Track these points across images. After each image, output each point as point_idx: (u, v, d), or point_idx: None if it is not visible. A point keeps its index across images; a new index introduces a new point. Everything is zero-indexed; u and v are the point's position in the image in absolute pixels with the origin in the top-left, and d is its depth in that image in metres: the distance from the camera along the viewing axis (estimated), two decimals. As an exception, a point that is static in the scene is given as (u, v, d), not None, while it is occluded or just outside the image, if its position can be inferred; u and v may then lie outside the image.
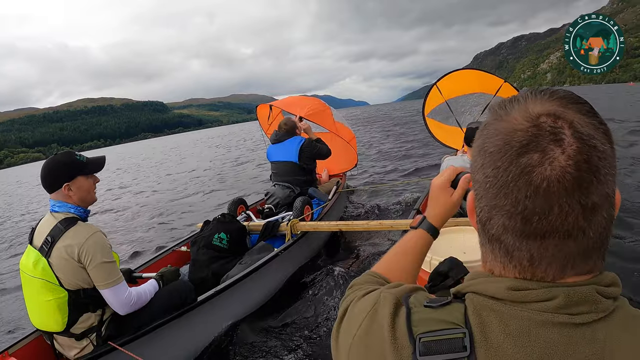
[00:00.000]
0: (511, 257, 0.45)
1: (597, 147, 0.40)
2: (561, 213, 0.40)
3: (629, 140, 8.90)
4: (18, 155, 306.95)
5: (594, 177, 0.40)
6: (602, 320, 0.42)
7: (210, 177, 12.58)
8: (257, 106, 5.94)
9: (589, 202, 0.40)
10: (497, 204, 0.43)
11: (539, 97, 0.44)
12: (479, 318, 0.44)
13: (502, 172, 0.42)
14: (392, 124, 24.36)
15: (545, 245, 0.42)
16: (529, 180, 0.40)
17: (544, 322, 0.42)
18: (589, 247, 0.42)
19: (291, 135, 4.21)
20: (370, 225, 3.41)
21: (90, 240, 1.92)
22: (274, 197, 4.09)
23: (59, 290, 1.92)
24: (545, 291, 0.43)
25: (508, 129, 0.43)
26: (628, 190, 4.99)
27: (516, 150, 0.41)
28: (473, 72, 4.57)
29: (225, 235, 3.27)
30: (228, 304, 2.81)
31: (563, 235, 0.41)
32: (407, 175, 7.99)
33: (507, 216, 0.42)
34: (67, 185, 1.97)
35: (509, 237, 0.43)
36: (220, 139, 46.07)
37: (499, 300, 0.45)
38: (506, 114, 0.44)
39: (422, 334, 0.45)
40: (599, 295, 0.42)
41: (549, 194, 0.40)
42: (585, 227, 0.41)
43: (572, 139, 0.40)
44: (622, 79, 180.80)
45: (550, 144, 0.40)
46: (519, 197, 0.41)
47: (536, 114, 0.42)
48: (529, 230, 0.42)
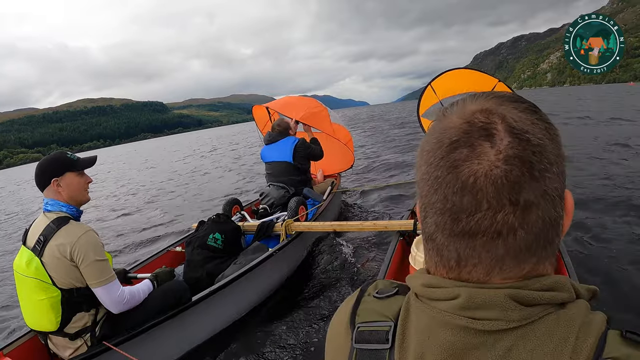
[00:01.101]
0: (441, 256, 0.43)
1: (530, 141, 0.38)
2: (489, 210, 0.38)
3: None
4: (17, 156, 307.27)
5: (527, 173, 0.37)
6: (515, 331, 0.38)
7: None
8: (253, 107, 5.94)
9: (521, 199, 0.37)
10: (429, 201, 0.42)
11: (478, 97, 0.43)
12: (405, 312, 0.46)
13: (433, 169, 0.41)
14: (389, 124, 24.36)
15: (473, 245, 0.40)
16: (456, 175, 0.39)
17: (445, 322, 0.41)
18: (521, 248, 0.39)
19: (285, 136, 4.21)
20: (365, 225, 3.42)
21: (82, 238, 1.94)
22: (269, 198, 4.09)
23: (52, 290, 1.93)
24: (449, 290, 0.41)
25: (443, 127, 0.42)
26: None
27: (446, 146, 0.40)
28: (467, 72, 4.56)
29: (220, 235, 3.27)
30: (222, 304, 2.81)
31: (492, 234, 0.38)
32: (401, 175, 8.00)
33: (438, 213, 0.41)
34: (56, 181, 1.99)
35: (439, 235, 0.42)
36: (217, 140, 45.59)
37: (417, 297, 0.46)
38: (445, 115, 0.44)
39: (360, 323, 0.48)
40: (515, 301, 0.38)
41: (476, 189, 0.38)
42: (517, 226, 0.38)
43: (504, 133, 0.38)
44: (622, 78, 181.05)
45: (480, 138, 0.39)
46: (447, 193, 0.40)
47: (470, 111, 0.41)
48: (458, 229, 0.40)
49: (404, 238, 3.05)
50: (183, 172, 15.36)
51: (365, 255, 3.91)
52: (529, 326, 0.38)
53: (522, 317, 0.38)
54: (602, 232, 3.82)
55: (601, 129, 11.28)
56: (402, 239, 3.04)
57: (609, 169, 6.22)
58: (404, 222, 3.14)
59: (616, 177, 5.67)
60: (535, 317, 0.38)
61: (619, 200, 4.68)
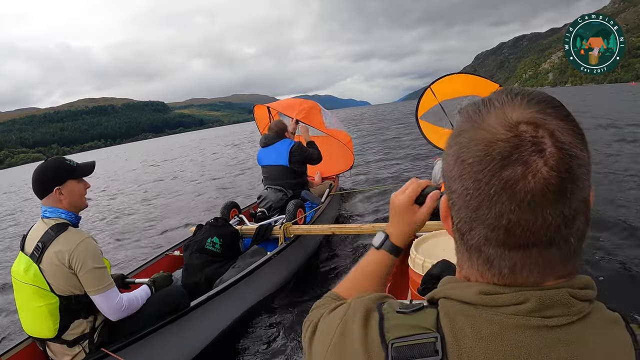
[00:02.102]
0: (491, 265, 0.44)
1: (577, 155, 0.40)
2: (544, 223, 0.40)
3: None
4: (18, 156, 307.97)
5: (575, 185, 0.39)
6: (577, 323, 0.42)
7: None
8: (254, 106, 5.95)
9: (571, 211, 0.40)
10: (478, 216, 0.42)
11: (516, 102, 0.42)
12: (451, 323, 0.44)
13: (483, 186, 0.41)
14: (389, 125, 24.32)
15: (528, 254, 0.42)
16: (512, 193, 0.39)
17: (517, 325, 0.42)
18: (570, 253, 0.42)
19: (280, 138, 4.18)
20: (363, 228, 3.41)
21: (80, 246, 1.93)
22: (267, 201, 4.07)
23: (50, 296, 1.92)
24: (516, 295, 0.42)
25: (487, 139, 0.41)
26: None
27: (498, 162, 0.40)
28: (468, 76, 4.57)
29: (218, 239, 3.28)
30: (221, 308, 2.81)
31: (546, 244, 0.41)
32: (399, 177, 7.97)
33: (489, 229, 0.42)
34: (58, 189, 1.98)
35: (490, 248, 0.43)
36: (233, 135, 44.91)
37: (470, 305, 0.45)
38: (482, 120, 0.42)
39: (394, 340, 0.45)
40: (573, 298, 0.42)
41: (533, 206, 0.39)
42: (567, 235, 0.41)
43: (553, 148, 0.39)
44: (624, 78, 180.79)
45: (532, 155, 0.39)
46: (502, 210, 0.40)
47: (515, 121, 0.41)
48: (512, 242, 0.41)
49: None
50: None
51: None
52: (585, 320, 0.42)
53: (579, 310, 0.42)
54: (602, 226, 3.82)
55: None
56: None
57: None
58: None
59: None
60: (586, 311, 0.42)
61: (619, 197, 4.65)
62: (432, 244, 2.14)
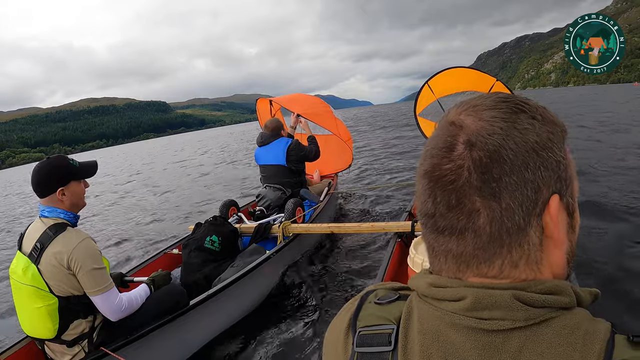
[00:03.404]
0: (432, 251, 0.47)
1: (487, 150, 0.40)
2: (449, 212, 0.42)
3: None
4: (19, 155, 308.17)
5: (476, 182, 0.40)
6: (521, 330, 0.39)
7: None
8: (257, 99, 5.96)
9: (467, 204, 0.41)
10: (419, 203, 0.46)
11: (458, 107, 0.46)
12: (407, 315, 0.46)
13: (419, 175, 0.46)
14: (390, 124, 24.31)
15: (443, 240, 0.44)
16: (427, 180, 0.44)
17: (453, 323, 0.42)
18: (477, 247, 0.41)
19: (276, 137, 4.16)
20: (363, 227, 3.41)
21: (79, 246, 1.91)
22: (265, 199, 4.07)
23: (49, 297, 1.92)
24: (456, 290, 0.42)
25: (431, 135, 0.47)
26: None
27: (424, 153, 0.45)
28: (465, 70, 4.51)
29: (217, 238, 3.27)
30: (220, 307, 2.81)
31: (454, 232, 0.42)
32: (399, 176, 7.97)
33: (421, 214, 0.46)
34: (62, 190, 1.96)
35: (425, 233, 0.46)
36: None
37: (423, 297, 0.46)
38: (439, 122, 0.48)
39: (361, 328, 0.49)
40: (519, 301, 0.39)
41: (436, 193, 0.42)
42: (467, 228, 0.41)
43: (461, 145, 0.41)
44: (626, 79, 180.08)
45: (443, 149, 0.42)
46: (422, 197, 0.45)
47: (447, 121, 0.45)
48: (432, 227, 0.44)
49: (402, 240, 3.04)
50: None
51: (363, 257, 3.90)
52: (535, 328, 0.39)
53: (527, 317, 0.39)
54: (603, 234, 3.79)
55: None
56: (400, 240, 3.03)
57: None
58: (402, 223, 3.12)
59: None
60: (540, 319, 0.39)
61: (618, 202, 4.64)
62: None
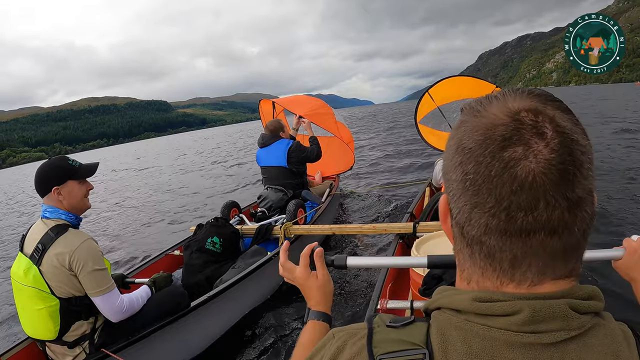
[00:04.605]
0: (493, 259, 0.42)
1: (578, 141, 0.40)
2: (547, 208, 0.38)
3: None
4: (20, 155, 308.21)
5: (578, 171, 0.39)
6: (575, 340, 0.39)
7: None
8: (260, 100, 5.96)
9: (575, 196, 0.39)
10: (478, 201, 0.41)
11: (517, 95, 0.43)
12: (442, 337, 0.42)
13: (483, 168, 0.40)
14: (390, 124, 24.27)
15: (529, 243, 0.40)
16: (513, 174, 0.38)
17: (509, 342, 0.39)
18: (572, 244, 0.41)
19: (277, 138, 4.15)
20: (364, 228, 3.41)
21: (81, 248, 1.92)
22: (267, 200, 4.06)
23: (50, 299, 1.92)
24: (510, 304, 0.40)
25: (488, 124, 0.41)
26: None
27: (498, 143, 0.39)
28: (464, 79, 4.59)
29: (218, 239, 3.27)
30: (222, 309, 2.81)
31: (548, 231, 0.39)
32: (401, 177, 7.96)
33: (489, 214, 0.40)
34: (57, 189, 1.96)
35: (491, 237, 0.41)
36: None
37: (463, 315, 0.43)
38: (484, 110, 0.43)
39: (382, 355, 0.44)
40: (572, 310, 0.39)
41: (535, 187, 0.38)
42: (570, 222, 0.39)
43: (554, 132, 0.39)
44: (628, 78, 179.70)
45: (533, 137, 0.39)
46: (503, 192, 0.39)
47: (516, 109, 0.41)
48: (513, 228, 0.39)
49: (403, 241, 3.04)
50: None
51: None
52: (584, 337, 0.39)
53: (579, 325, 0.39)
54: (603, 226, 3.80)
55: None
56: (402, 241, 3.02)
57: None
58: (404, 224, 3.12)
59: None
60: (587, 326, 0.40)
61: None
62: (432, 244, 2.13)
